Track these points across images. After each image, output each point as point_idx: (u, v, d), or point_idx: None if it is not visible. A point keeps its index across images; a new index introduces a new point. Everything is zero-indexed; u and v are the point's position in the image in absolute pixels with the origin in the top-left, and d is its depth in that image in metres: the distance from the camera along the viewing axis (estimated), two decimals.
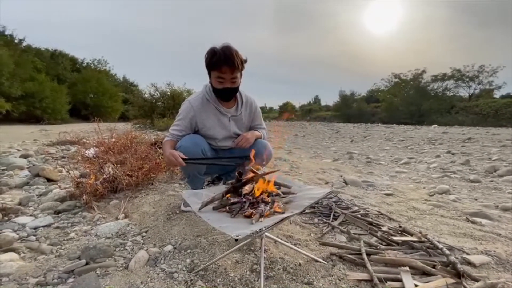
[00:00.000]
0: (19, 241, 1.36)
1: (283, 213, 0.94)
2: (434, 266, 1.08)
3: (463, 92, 27.47)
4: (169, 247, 1.31)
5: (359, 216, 1.66)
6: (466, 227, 1.67)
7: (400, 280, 1.01)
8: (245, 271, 1.11)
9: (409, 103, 26.20)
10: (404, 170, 3.93)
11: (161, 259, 1.22)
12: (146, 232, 1.49)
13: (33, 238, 1.40)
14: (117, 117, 26.26)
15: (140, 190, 2.13)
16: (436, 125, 17.42)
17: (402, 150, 6.71)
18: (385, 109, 28.53)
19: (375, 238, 1.39)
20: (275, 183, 1.11)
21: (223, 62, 1.44)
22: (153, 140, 3.64)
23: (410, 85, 29.24)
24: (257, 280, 1.04)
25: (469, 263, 1.19)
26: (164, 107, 12.03)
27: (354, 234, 1.43)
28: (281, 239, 1.29)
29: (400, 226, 1.51)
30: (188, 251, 1.28)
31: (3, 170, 2.75)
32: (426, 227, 1.65)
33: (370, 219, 1.63)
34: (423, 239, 1.32)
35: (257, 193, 0.99)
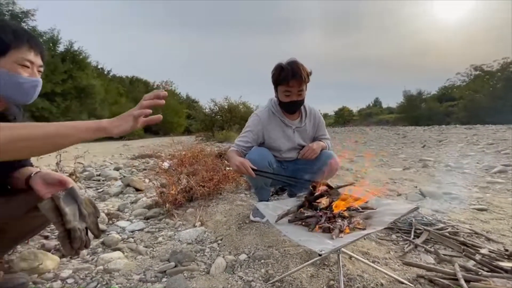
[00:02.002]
0: (122, 242, 1.62)
1: (364, 229, 0.90)
2: None
3: None
4: (244, 256, 1.38)
5: (447, 234, 1.46)
6: None
7: None
8: (322, 286, 1.09)
9: (496, 98, 22.00)
10: (499, 180, 3.29)
11: (238, 267, 1.29)
12: (221, 240, 1.60)
13: (132, 240, 1.65)
14: (182, 131, 29.15)
15: (211, 199, 2.30)
16: None
17: (493, 155, 5.64)
18: (464, 107, 24.55)
19: (472, 262, 1.20)
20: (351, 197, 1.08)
21: (291, 77, 1.49)
22: (217, 152, 3.93)
23: (497, 77, 24.58)
24: None
25: None
26: (222, 120, 12.87)
27: (444, 255, 1.26)
28: (357, 255, 1.23)
29: (506, 250, 1.27)
30: (262, 261, 1.32)
31: (103, 180, 3.34)
32: None
33: (462, 239, 1.41)
34: None
35: (335, 208, 0.98)
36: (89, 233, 0.98)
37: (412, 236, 1.47)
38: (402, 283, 1.07)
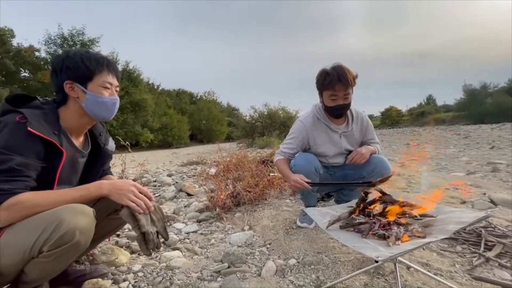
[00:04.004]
0: (179, 242, 1.77)
1: (424, 237, 0.86)
2: None
3: None
4: (293, 261, 1.40)
5: None
6: None
7: None
8: None
9: None
10: None
11: (288, 271, 1.32)
12: (269, 244, 1.64)
13: (187, 241, 1.79)
14: (223, 138, 30.37)
15: (257, 204, 2.37)
16: None
17: None
18: None
19: None
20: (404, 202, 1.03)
21: (337, 81, 1.48)
22: (259, 158, 4.01)
23: None
24: None
25: None
26: (262, 126, 13.06)
27: None
28: (416, 266, 1.15)
29: None
30: (312, 266, 1.32)
31: (158, 186, 3.67)
32: None
33: None
34: None
35: (390, 215, 0.95)
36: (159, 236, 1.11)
37: (482, 249, 1.32)
38: None
